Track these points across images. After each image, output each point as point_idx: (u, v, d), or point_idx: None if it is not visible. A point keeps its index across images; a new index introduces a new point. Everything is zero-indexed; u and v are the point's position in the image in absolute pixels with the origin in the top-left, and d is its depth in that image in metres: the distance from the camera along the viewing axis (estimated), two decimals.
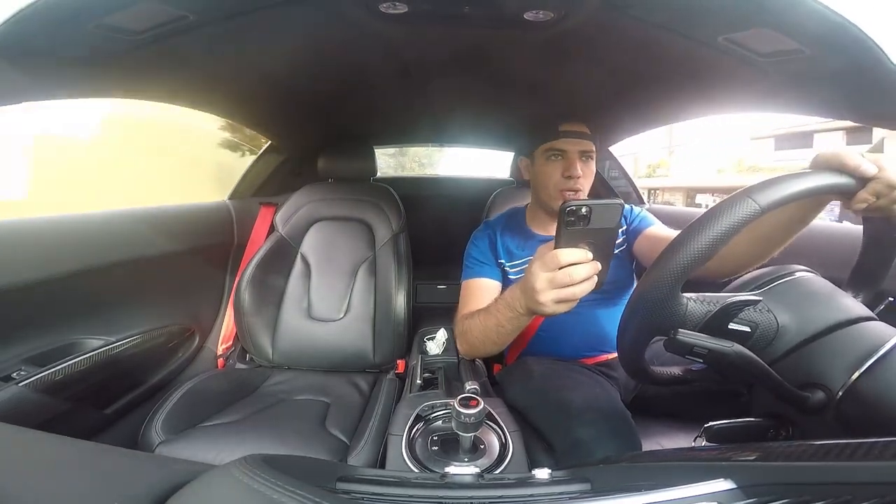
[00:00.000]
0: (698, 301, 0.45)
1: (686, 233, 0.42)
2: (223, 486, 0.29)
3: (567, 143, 0.91)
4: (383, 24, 0.71)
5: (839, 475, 0.27)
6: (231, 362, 1.30)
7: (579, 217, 0.48)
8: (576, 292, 0.50)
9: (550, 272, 0.51)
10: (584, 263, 0.50)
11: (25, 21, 0.51)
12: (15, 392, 0.78)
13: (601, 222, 0.48)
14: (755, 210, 0.40)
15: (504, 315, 0.65)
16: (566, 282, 0.50)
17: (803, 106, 0.78)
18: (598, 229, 0.48)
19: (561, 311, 0.53)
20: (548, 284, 0.51)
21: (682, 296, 0.44)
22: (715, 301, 0.45)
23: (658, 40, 0.70)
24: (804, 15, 0.50)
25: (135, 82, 0.84)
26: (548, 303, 0.52)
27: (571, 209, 0.47)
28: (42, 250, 0.87)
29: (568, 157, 0.91)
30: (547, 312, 0.53)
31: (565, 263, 0.50)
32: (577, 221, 0.48)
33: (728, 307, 0.45)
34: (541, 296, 0.52)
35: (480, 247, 0.99)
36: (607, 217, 0.48)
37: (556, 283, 0.51)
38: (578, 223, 0.48)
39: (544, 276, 0.52)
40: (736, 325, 0.46)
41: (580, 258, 0.49)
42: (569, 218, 0.48)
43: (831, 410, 0.41)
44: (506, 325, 0.66)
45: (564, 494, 0.35)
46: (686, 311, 0.44)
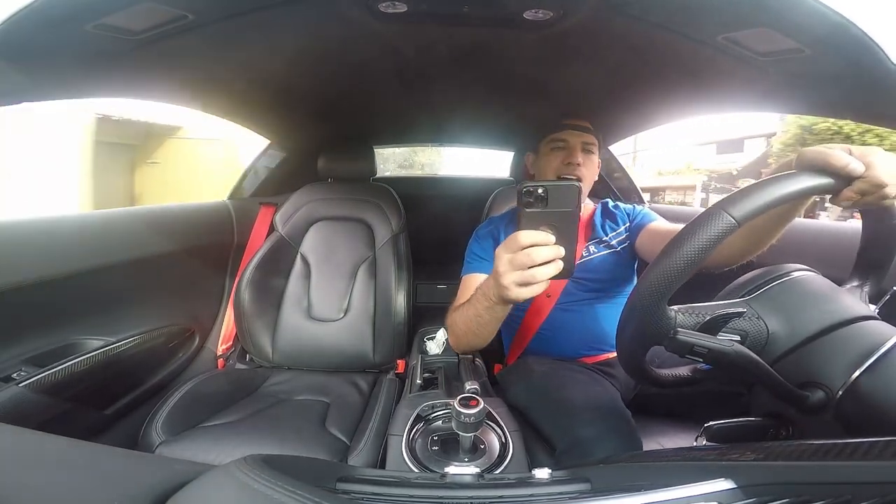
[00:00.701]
0: (686, 313, 0.46)
1: (664, 251, 0.42)
2: (223, 487, 0.29)
3: (569, 134, 0.95)
4: (383, 23, 0.71)
5: (839, 475, 0.27)
6: (231, 362, 1.30)
7: (536, 198, 0.47)
8: (536, 274, 0.49)
9: (511, 253, 0.50)
10: (544, 245, 0.49)
11: (25, 21, 0.51)
12: (15, 392, 0.78)
13: (559, 204, 0.48)
14: (730, 224, 0.40)
15: (481, 304, 0.64)
16: (526, 262, 0.49)
17: (803, 105, 0.78)
18: (558, 212, 0.48)
19: (525, 294, 0.51)
20: (509, 266, 0.51)
21: (669, 309, 0.44)
22: (703, 312, 0.46)
23: (657, 39, 0.70)
24: (804, 14, 0.50)
25: (134, 82, 0.84)
26: (510, 285, 0.51)
27: (528, 190, 0.47)
28: (42, 250, 0.86)
29: (570, 146, 0.94)
30: (512, 296, 0.52)
31: (524, 244, 0.49)
32: (535, 203, 0.48)
33: (715, 319, 0.45)
34: (503, 278, 0.52)
35: (483, 243, 0.99)
36: (565, 199, 0.48)
37: (516, 264, 0.50)
38: (536, 204, 0.48)
39: (506, 258, 0.51)
40: (725, 335, 0.46)
41: (539, 239, 0.49)
42: (526, 199, 0.48)
43: (831, 410, 0.41)
44: (483, 315, 0.65)
45: (564, 494, 0.35)
46: (675, 324, 0.45)
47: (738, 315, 0.46)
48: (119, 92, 0.87)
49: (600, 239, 0.99)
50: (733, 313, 0.46)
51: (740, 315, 0.46)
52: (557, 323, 0.95)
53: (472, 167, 2.74)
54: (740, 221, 0.40)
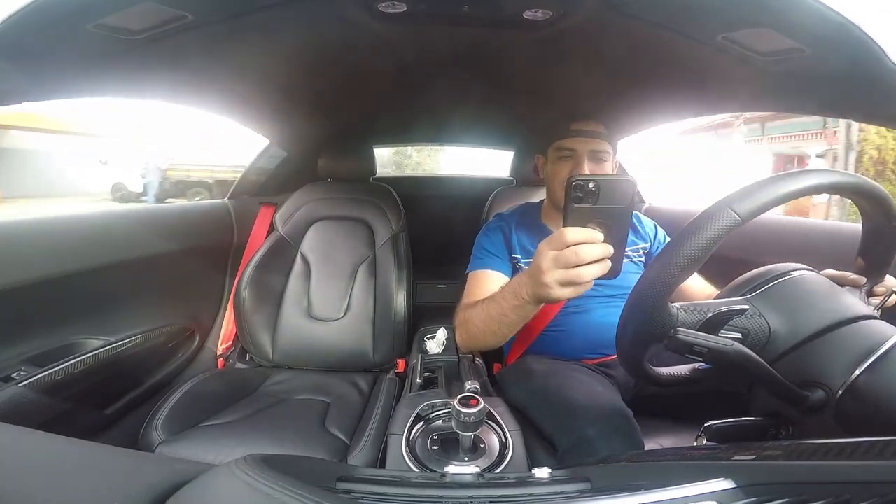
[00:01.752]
0: (688, 311, 0.45)
1: (667, 248, 0.42)
2: (223, 486, 0.29)
3: (576, 142, 0.90)
4: (382, 23, 0.71)
5: (839, 474, 0.27)
6: (231, 362, 1.30)
7: (587, 193, 0.45)
8: (582, 274, 0.46)
9: (556, 250, 0.47)
10: (593, 244, 0.46)
11: (25, 21, 0.51)
12: (15, 392, 0.78)
13: (611, 200, 0.46)
14: (735, 221, 0.40)
15: (509, 303, 0.61)
16: (573, 261, 0.46)
17: (803, 105, 0.78)
18: (609, 208, 0.46)
19: (567, 295, 0.49)
20: (553, 263, 0.48)
21: (671, 306, 0.44)
22: (704, 310, 0.45)
23: (657, 39, 0.70)
24: (804, 14, 0.50)
25: (134, 82, 0.84)
26: (552, 284, 0.48)
27: (578, 184, 0.45)
28: (42, 250, 0.86)
29: (576, 157, 0.90)
30: (553, 296, 0.49)
31: (572, 242, 0.46)
32: (585, 198, 0.45)
33: (717, 316, 0.45)
34: (546, 276, 0.49)
35: (493, 239, 0.97)
36: (618, 195, 0.46)
37: (561, 262, 0.47)
38: (586, 200, 0.46)
39: (550, 255, 0.48)
40: (727, 333, 0.46)
41: (588, 237, 0.46)
42: (576, 193, 0.45)
43: (831, 409, 0.41)
44: (510, 315, 0.62)
45: (564, 494, 0.35)
46: (677, 321, 0.44)
47: (740, 312, 0.46)
48: (119, 92, 0.87)
49: None
50: (736, 310, 0.46)
51: (742, 312, 0.46)
52: (562, 325, 0.94)
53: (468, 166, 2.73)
54: (744, 218, 0.40)
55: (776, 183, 0.41)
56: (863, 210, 0.50)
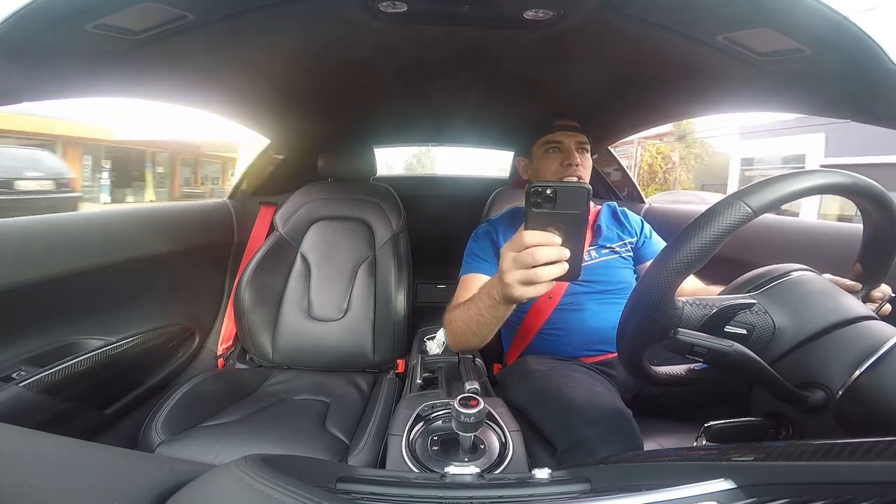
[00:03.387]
0: (694, 305, 0.45)
1: (678, 238, 0.42)
2: (223, 486, 0.29)
3: (564, 136, 0.95)
4: (383, 23, 0.71)
5: (839, 475, 0.27)
6: (231, 362, 1.30)
7: (545, 198, 0.47)
8: (539, 274, 0.49)
9: (515, 252, 0.50)
10: (548, 246, 0.49)
11: (25, 20, 0.51)
12: (15, 392, 0.78)
13: (567, 206, 0.48)
14: (747, 214, 0.40)
15: (483, 303, 0.63)
16: (529, 262, 0.49)
17: (803, 105, 0.78)
18: (565, 213, 0.48)
19: (528, 293, 0.51)
20: (512, 264, 0.51)
21: (677, 300, 0.44)
22: (710, 304, 0.45)
23: (657, 39, 0.70)
24: (804, 14, 0.50)
25: (134, 82, 0.84)
26: (513, 283, 0.51)
27: (536, 189, 0.47)
28: (42, 250, 0.86)
29: (565, 148, 0.94)
30: (515, 295, 0.52)
31: (529, 244, 0.49)
32: (543, 203, 0.47)
33: (723, 310, 0.45)
34: (506, 276, 0.52)
35: (482, 244, 0.99)
36: (574, 201, 0.48)
37: (519, 262, 0.50)
38: (544, 205, 0.47)
39: (510, 256, 0.51)
40: (732, 328, 0.46)
41: (544, 240, 0.49)
42: (534, 199, 0.47)
43: (831, 410, 0.41)
44: (485, 314, 0.64)
45: (564, 494, 0.35)
46: (682, 315, 0.44)
47: (748, 306, 0.46)
48: (119, 91, 0.87)
49: (606, 244, 1.01)
50: (744, 304, 0.46)
51: (750, 307, 0.46)
52: (558, 324, 0.95)
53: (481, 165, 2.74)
54: (756, 212, 0.40)
55: (789, 180, 0.42)
56: (867, 215, 0.50)
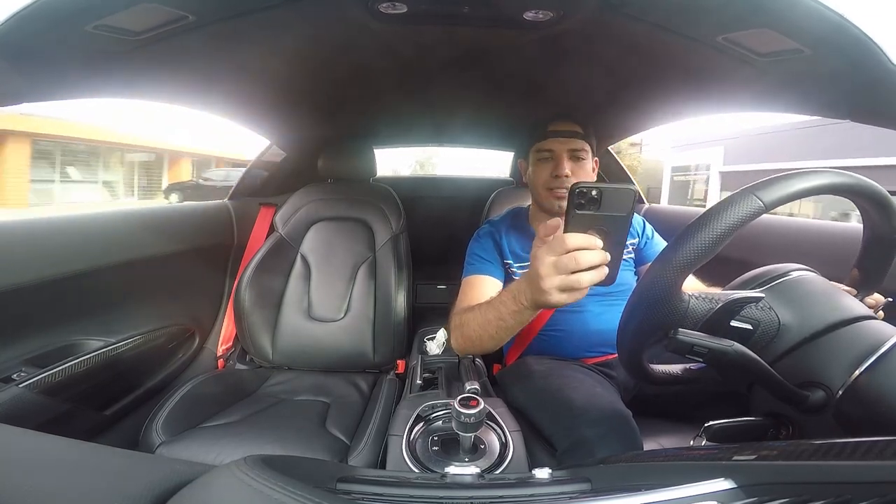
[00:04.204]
0: (700, 298, 0.45)
1: (689, 229, 0.42)
2: (223, 487, 0.29)
3: (555, 143, 0.92)
4: (383, 24, 0.71)
5: (839, 475, 0.27)
6: (231, 363, 1.30)
7: (589, 200, 0.45)
8: (582, 280, 0.47)
9: (555, 256, 0.48)
10: (591, 250, 0.47)
11: (25, 21, 0.51)
12: (15, 393, 0.77)
13: (612, 208, 0.46)
14: (759, 207, 0.40)
15: (507, 308, 0.61)
16: (571, 267, 0.46)
17: (802, 106, 0.78)
18: (609, 216, 0.46)
19: (565, 301, 0.49)
20: (552, 269, 0.48)
21: (683, 293, 0.44)
22: (717, 298, 0.45)
23: (657, 40, 0.70)
24: (804, 15, 0.50)
25: (135, 83, 0.84)
26: (552, 290, 0.48)
27: (581, 191, 0.45)
28: (42, 250, 0.86)
29: (556, 157, 0.92)
30: (551, 301, 0.49)
31: (572, 248, 0.46)
32: (587, 205, 0.46)
33: (730, 305, 0.45)
34: (544, 282, 0.49)
35: (484, 244, 0.99)
36: (619, 203, 0.46)
37: (560, 267, 0.47)
38: (588, 207, 0.46)
39: (549, 261, 0.48)
40: (738, 323, 0.46)
41: (588, 243, 0.46)
42: (578, 200, 0.46)
43: (831, 410, 0.41)
44: (507, 319, 0.62)
45: (564, 494, 0.35)
46: (688, 308, 0.44)
47: (755, 300, 0.45)
48: (119, 92, 0.87)
49: None
50: (752, 298, 0.45)
51: (758, 301, 0.46)
52: (559, 325, 0.95)
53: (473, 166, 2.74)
54: (768, 206, 0.40)
55: (802, 178, 0.42)
56: (869, 218, 0.50)
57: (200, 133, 10.47)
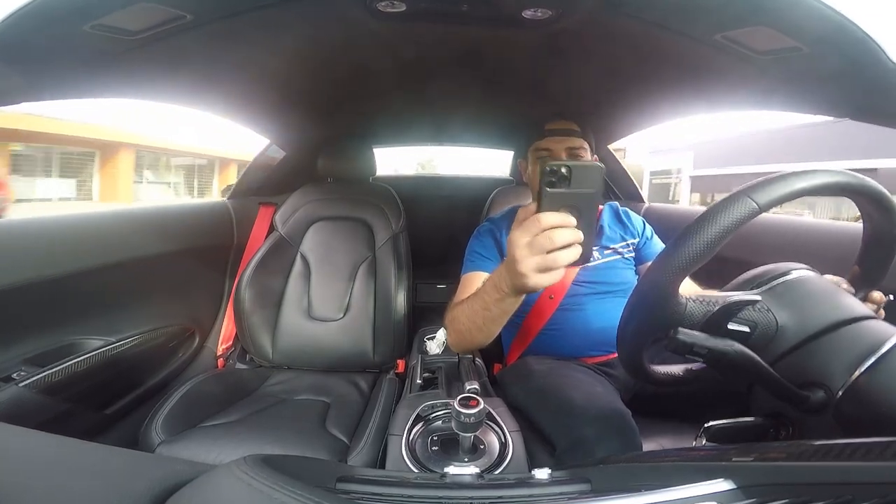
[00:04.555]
0: (697, 301, 0.45)
1: (684, 233, 0.42)
2: (223, 486, 0.29)
3: (552, 142, 0.93)
4: (382, 22, 0.71)
5: (839, 475, 0.27)
6: (231, 362, 1.30)
7: (560, 177, 0.46)
8: (558, 258, 0.46)
9: (530, 236, 0.47)
10: (566, 227, 0.46)
11: (23, 21, 0.51)
12: (15, 392, 0.77)
13: (582, 185, 0.46)
14: (753, 209, 0.40)
15: (490, 296, 0.60)
16: (547, 246, 0.46)
17: (802, 104, 0.78)
18: (580, 193, 0.46)
19: (545, 282, 0.48)
20: (528, 251, 0.47)
21: (680, 296, 0.44)
22: (714, 301, 0.45)
23: (656, 38, 0.70)
24: (803, 13, 0.50)
25: (133, 82, 0.84)
26: (529, 272, 0.48)
27: (552, 169, 0.46)
28: (42, 250, 0.86)
29: (553, 155, 0.93)
30: (530, 284, 0.49)
31: (546, 226, 0.46)
32: (558, 182, 0.46)
33: (727, 307, 0.45)
34: (521, 265, 0.48)
35: (484, 242, 0.99)
36: (589, 179, 0.46)
37: (536, 247, 0.47)
38: (559, 184, 0.46)
39: (524, 242, 0.48)
40: (735, 325, 0.46)
41: (561, 221, 0.46)
42: (549, 178, 0.46)
43: (831, 410, 0.41)
44: (492, 308, 0.61)
45: (564, 494, 0.35)
46: (685, 311, 0.44)
47: (752, 303, 0.45)
48: (117, 92, 0.87)
49: (608, 245, 1.01)
50: (748, 300, 0.45)
51: (755, 303, 0.46)
52: (559, 324, 0.95)
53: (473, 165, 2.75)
54: (763, 207, 0.40)
55: (796, 178, 0.42)
56: (870, 217, 0.50)
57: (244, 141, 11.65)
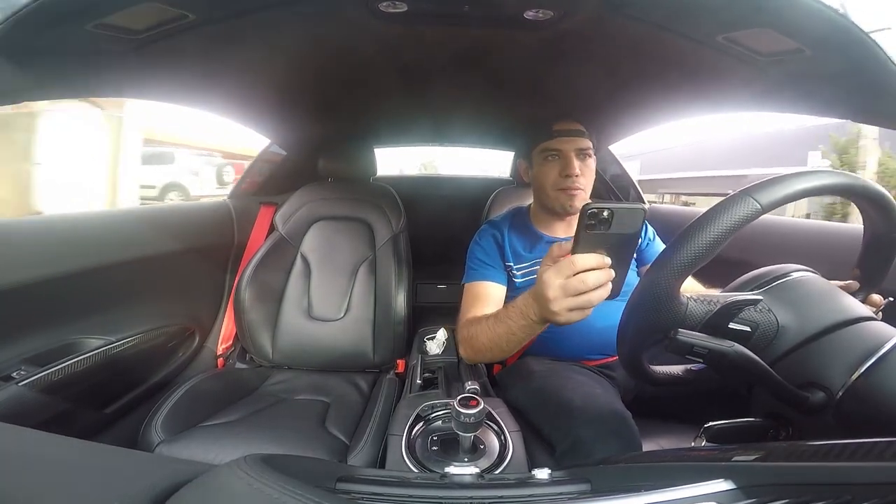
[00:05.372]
0: (698, 301, 0.45)
1: (686, 233, 0.42)
2: (223, 486, 0.29)
3: (562, 143, 0.92)
4: (383, 23, 0.71)
5: (839, 475, 0.27)
6: (231, 362, 1.30)
7: (600, 221, 0.45)
8: (591, 299, 0.48)
9: (564, 279, 0.48)
10: (599, 269, 0.47)
11: (25, 20, 0.51)
12: (15, 392, 0.77)
13: (622, 227, 0.46)
14: (756, 209, 0.40)
15: (516, 323, 0.63)
16: (580, 288, 0.47)
17: (803, 105, 0.78)
18: (619, 234, 0.46)
19: (575, 319, 0.51)
20: (561, 292, 0.49)
21: (681, 295, 0.44)
22: (715, 301, 0.45)
23: (657, 39, 0.70)
24: (804, 15, 0.50)
25: (135, 82, 0.84)
26: (561, 311, 0.50)
27: (593, 212, 0.45)
28: (42, 250, 0.86)
29: (564, 156, 0.91)
30: (560, 321, 0.51)
31: (580, 269, 0.47)
32: (598, 225, 0.45)
33: (728, 307, 0.45)
34: (553, 304, 0.50)
35: (485, 247, 0.98)
36: (629, 222, 0.46)
37: (569, 290, 0.48)
38: (599, 227, 0.45)
39: (557, 284, 0.49)
40: (736, 325, 0.46)
41: (596, 264, 0.47)
42: (589, 221, 0.45)
43: (831, 410, 0.41)
44: (517, 333, 0.64)
45: (564, 494, 0.35)
46: (686, 311, 0.44)
47: (753, 303, 0.46)
48: (119, 91, 0.87)
49: None
50: (749, 300, 0.45)
51: (756, 303, 0.46)
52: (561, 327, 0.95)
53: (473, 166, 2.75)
54: (765, 208, 0.40)
55: (798, 178, 0.42)
56: (869, 218, 0.50)
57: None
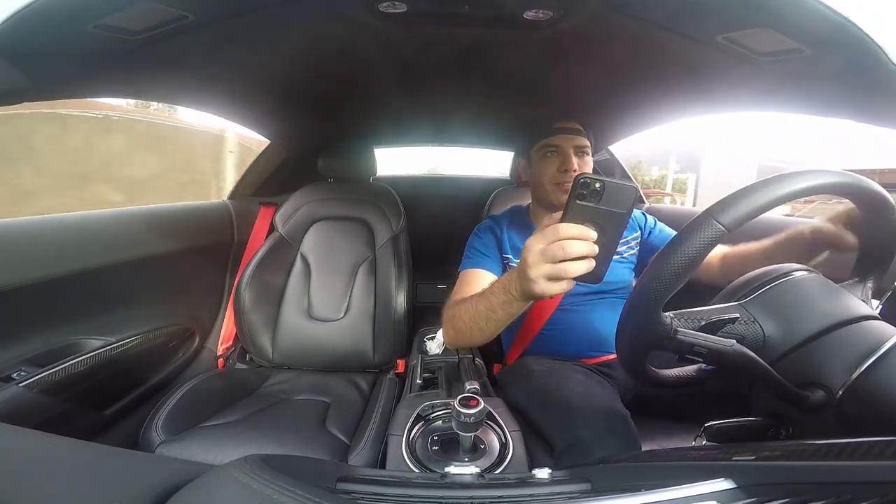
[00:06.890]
0: (681, 318, 0.46)
1: (656, 260, 0.43)
2: (223, 487, 0.29)
3: (561, 139, 0.94)
4: (383, 23, 0.71)
5: (839, 475, 0.27)
6: (231, 362, 1.30)
7: (591, 192, 0.45)
8: (568, 269, 0.46)
9: (545, 244, 0.47)
10: (582, 240, 0.46)
11: (25, 21, 0.51)
12: (15, 392, 0.78)
13: (612, 204, 0.45)
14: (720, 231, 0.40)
15: (497, 298, 0.60)
16: (559, 255, 0.46)
17: (803, 105, 0.78)
18: (608, 211, 0.46)
19: (552, 290, 0.48)
20: (540, 257, 0.47)
21: (664, 315, 0.44)
22: (697, 318, 0.46)
23: (657, 39, 0.70)
24: (804, 14, 0.50)
25: (135, 82, 0.84)
26: (538, 278, 0.48)
27: (585, 181, 0.45)
28: (42, 250, 0.86)
29: (563, 152, 0.94)
30: (536, 291, 0.49)
31: (563, 236, 0.46)
32: (589, 196, 0.45)
33: (709, 325, 0.45)
34: (531, 270, 0.48)
35: (484, 239, 0.99)
36: (620, 199, 0.45)
37: (548, 255, 0.47)
38: (589, 198, 0.45)
39: (538, 249, 0.48)
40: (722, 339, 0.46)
41: (580, 233, 0.46)
42: (580, 191, 0.45)
43: (831, 410, 0.41)
44: (497, 311, 0.61)
45: (564, 494, 0.35)
46: (672, 328, 0.44)
47: (731, 321, 0.46)
48: (119, 92, 0.87)
49: None
50: (727, 319, 0.46)
51: (734, 321, 0.46)
52: (559, 324, 0.95)
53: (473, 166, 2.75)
54: (730, 228, 0.40)
55: (761, 189, 0.41)
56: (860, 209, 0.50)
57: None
